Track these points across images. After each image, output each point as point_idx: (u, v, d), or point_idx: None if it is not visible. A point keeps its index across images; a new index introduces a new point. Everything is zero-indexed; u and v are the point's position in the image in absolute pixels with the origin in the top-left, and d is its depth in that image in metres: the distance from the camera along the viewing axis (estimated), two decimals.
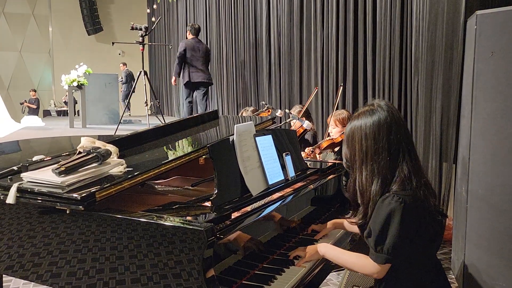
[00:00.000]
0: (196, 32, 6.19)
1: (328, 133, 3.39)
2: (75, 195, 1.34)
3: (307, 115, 3.79)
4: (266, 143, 1.82)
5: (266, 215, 1.58)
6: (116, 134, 5.47)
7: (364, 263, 1.42)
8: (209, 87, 6.25)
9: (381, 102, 1.47)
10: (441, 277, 1.48)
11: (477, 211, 2.43)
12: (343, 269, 2.41)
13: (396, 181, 1.38)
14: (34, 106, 13.69)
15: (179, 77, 6.17)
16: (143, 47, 6.42)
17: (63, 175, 1.44)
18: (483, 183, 2.39)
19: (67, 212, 1.39)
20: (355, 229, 1.80)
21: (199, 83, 5.82)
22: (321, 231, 1.85)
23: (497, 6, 2.36)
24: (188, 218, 1.41)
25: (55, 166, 1.46)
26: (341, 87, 3.76)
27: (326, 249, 1.55)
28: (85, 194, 1.33)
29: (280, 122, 3.77)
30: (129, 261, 1.29)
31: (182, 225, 1.25)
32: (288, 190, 1.83)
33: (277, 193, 1.75)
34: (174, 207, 1.57)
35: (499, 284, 2.36)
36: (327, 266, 1.65)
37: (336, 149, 3.30)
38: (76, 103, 8.52)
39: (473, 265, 2.49)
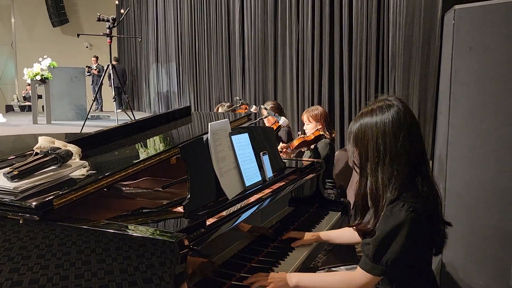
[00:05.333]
0: (116, 60, 11.53)
1: (304, 130, 3.30)
2: (29, 202, 1.19)
3: (280, 111, 3.68)
4: (242, 142, 1.71)
5: (243, 221, 1.47)
6: (83, 131, 5.26)
7: (352, 277, 1.29)
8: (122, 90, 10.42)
9: (392, 99, 1.32)
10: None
11: (454, 209, 2.41)
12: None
13: (410, 187, 1.26)
14: None
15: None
16: (111, 39, 6.17)
17: (16, 180, 1.28)
18: (460, 180, 2.38)
19: (20, 222, 1.23)
20: (336, 240, 1.73)
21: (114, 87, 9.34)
22: (301, 239, 1.71)
23: (475, 0, 2.34)
24: (158, 227, 1.27)
25: (7, 169, 1.31)
26: None
27: (298, 278, 1.36)
28: (41, 201, 1.19)
29: (255, 119, 3.66)
30: (91, 277, 1.15)
31: (150, 236, 1.12)
32: (266, 191, 1.73)
33: (254, 195, 1.65)
34: (142, 213, 1.43)
35: (477, 282, 2.36)
36: None
37: (312, 146, 3.21)
38: (40, 97, 8.13)
39: (450, 263, 2.48)
